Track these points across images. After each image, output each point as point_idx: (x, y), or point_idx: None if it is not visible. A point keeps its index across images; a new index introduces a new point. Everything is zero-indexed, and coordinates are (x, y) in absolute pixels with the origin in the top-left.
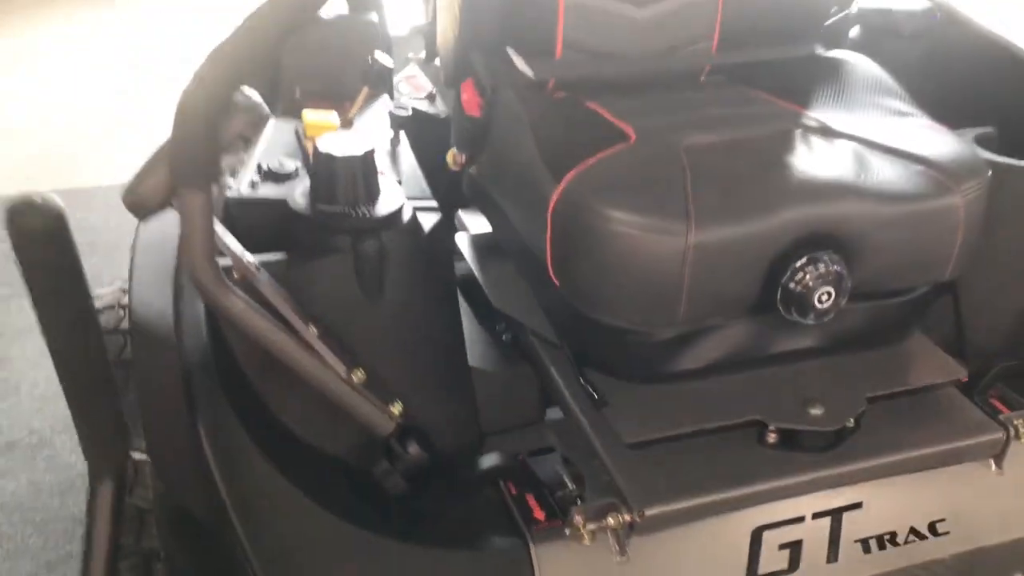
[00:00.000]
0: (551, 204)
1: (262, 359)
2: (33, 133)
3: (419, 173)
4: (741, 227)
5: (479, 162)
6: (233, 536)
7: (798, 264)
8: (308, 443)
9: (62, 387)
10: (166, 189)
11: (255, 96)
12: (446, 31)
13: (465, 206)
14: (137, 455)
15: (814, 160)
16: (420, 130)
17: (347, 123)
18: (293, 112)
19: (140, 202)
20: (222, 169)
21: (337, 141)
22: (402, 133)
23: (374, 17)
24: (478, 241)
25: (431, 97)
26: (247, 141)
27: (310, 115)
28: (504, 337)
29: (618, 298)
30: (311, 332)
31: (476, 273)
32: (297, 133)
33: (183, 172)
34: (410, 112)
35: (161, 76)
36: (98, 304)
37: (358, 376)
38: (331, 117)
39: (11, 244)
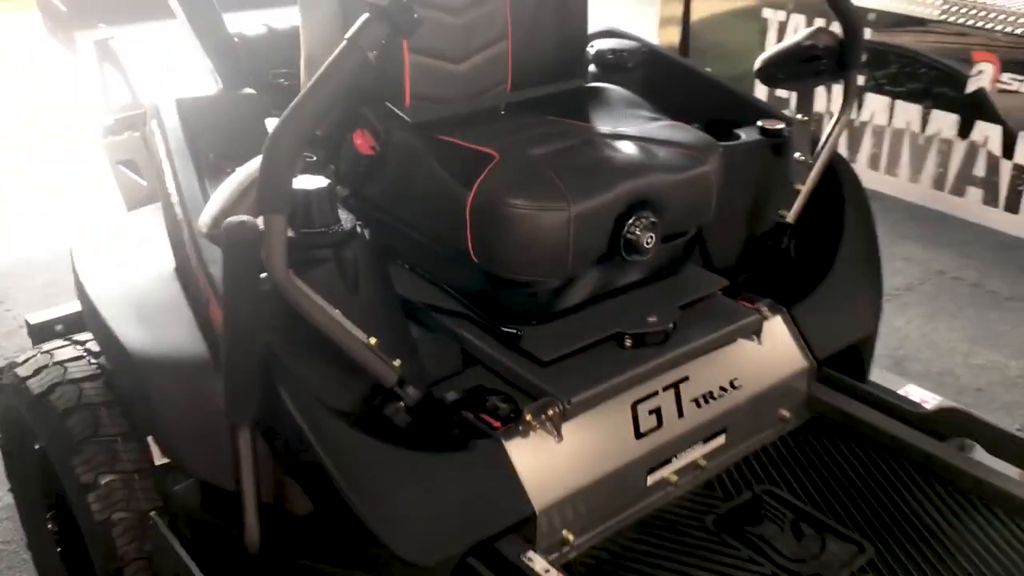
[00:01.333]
0: (468, 204)
1: (309, 341)
2: None
3: None
4: (597, 200)
5: (372, 190)
6: (321, 471)
7: (631, 221)
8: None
9: (224, 359)
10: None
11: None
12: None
13: None
14: None
15: (621, 154)
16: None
17: None
18: (215, 171)
19: (220, 237)
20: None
21: (300, 181)
22: None
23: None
24: None
25: None
26: None
27: None
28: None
29: (527, 260)
30: (337, 314)
31: None
32: None
33: (269, 202)
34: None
35: None
36: None
37: (373, 342)
38: None
39: (223, 249)
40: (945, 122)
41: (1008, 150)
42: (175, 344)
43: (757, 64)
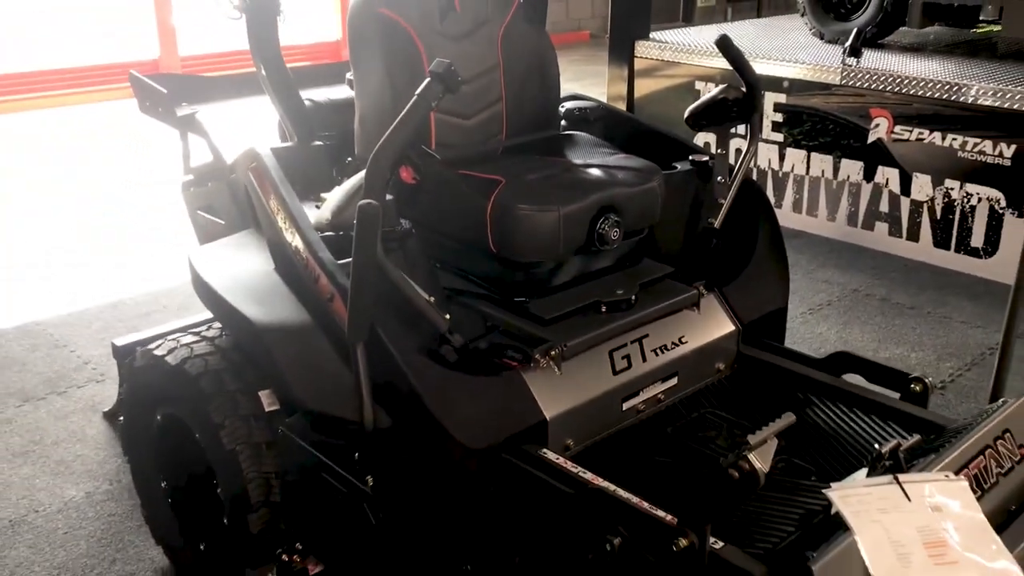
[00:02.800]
0: (488, 210)
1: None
2: None
3: None
4: (577, 205)
5: (413, 210)
6: (409, 389)
7: (601, 220)
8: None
9: (351, 294)
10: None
11: None
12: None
13: None
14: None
15: (591, 176)
16: None
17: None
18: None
19: (343, 222)
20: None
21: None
22: None
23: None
24: None
25: None
26: None
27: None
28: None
29: (531, 247)
30: (409, 282)
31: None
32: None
33: (372, 192)
34: None
35: None
36: None
37: (432, 300)
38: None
39: (357, 220)
40: (852, 169)
41: (905, 189)
42: (285, 317)
43: (686, 114)
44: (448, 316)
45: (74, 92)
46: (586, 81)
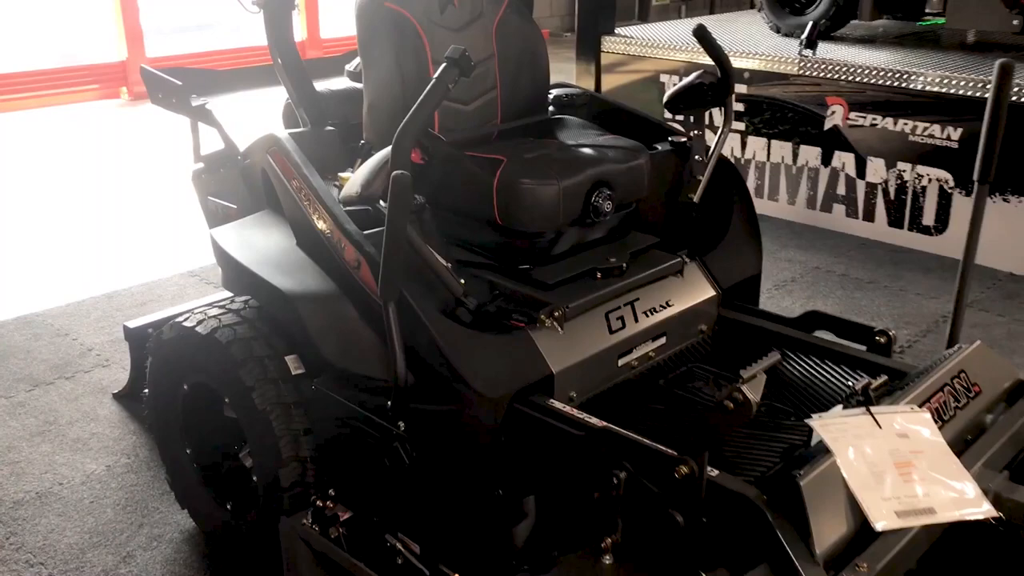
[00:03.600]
0: (495, 185)
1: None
2: None
3: None
4: (574, 179)
5: (423, 187)
6: (435, 346)
7: (596, 193)
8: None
9: (383, 256)
10: (384, 187)
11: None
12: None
13: None
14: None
15: (584, 154)
16: None
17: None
18: None
19: (372, 195)
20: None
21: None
22: None
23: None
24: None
25: None
26: None
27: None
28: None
29: (533, 218)
30: (429, 250)
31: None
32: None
33: (399, 166)
34: None
35: None
36: None
37: (448, 265)
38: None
39: (392, 188)
40: (811, 154)
41: (861, 172)
42: (311, 286)
43: (664, 99)
44: (463, 281)
45: (47, 94)
46: (553, 77)
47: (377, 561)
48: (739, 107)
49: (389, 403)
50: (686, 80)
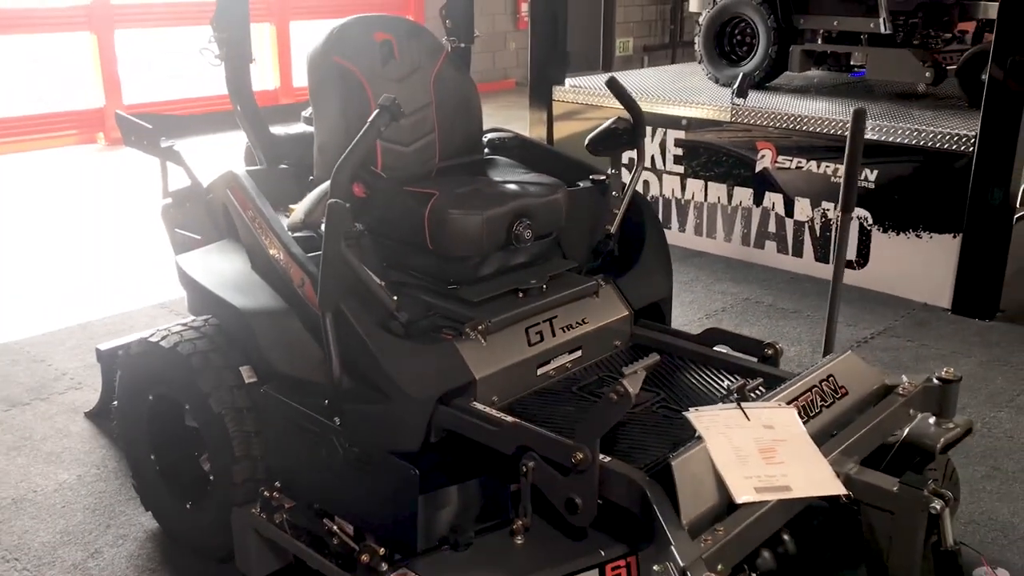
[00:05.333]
0: (426, 215)
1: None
2: None
3: None
4: (497, 211)
5: (364, 218)
6: (369, 353)
7: (517, 223)
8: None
9: (321, 272)
10: (323, 214)
11: None
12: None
13: None
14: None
15: (509, 189)
16: None
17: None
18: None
19: (313, 222)
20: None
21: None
22: None
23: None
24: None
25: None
26: None
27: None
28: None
29: (460, 244)
30: (365, 270)
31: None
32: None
33: (336, 195)
34: None
35: None
36: None
37: (382, 283)
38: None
39: (328, 214)
40: (744, 195)
41: (789, 211)
42: (264, 304)
43: (586, 142)
44: (396, 298)
45: (27, 139)
46: (514, 125)
47: (316, 542)
48: (679, 151)
49: (327, 401)
50: (603, 126)
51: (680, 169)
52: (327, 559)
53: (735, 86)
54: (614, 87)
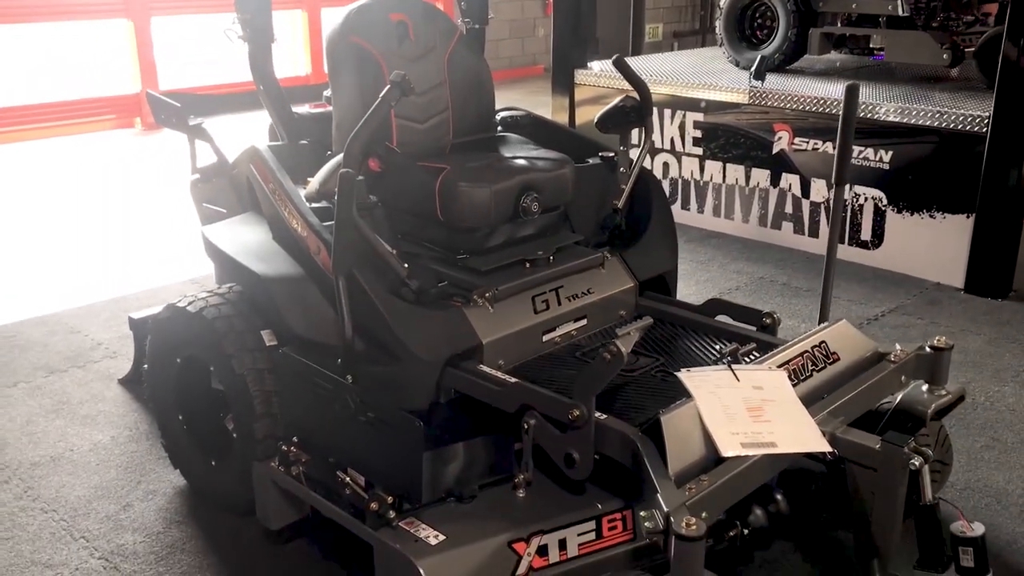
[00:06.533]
0: (437, 188)
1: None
2: None
3: None
4: (505, 184)
5: (379, 191)
6: (381, 318)
7: (524, 196)
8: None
9: (335, 237)
10: (336, 184)
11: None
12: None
13: None
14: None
15: (517, 164)
16: None
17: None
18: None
19: (327, 191)
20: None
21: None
22: None
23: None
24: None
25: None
26: None
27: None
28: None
29: (470, 216)
30: (378, 239)
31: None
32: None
33: (348, 166)
34: None
35: None
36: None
37: (394, 251)
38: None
39: (340, 181)
40: (761, 176)
41: (806, 192)
42: (284, 272)
43: (595, 120)
44: (407, 266)
45: (68, 123)
46: (540, 110)
47: (330, 492)
48: (697, 133)
49: (340, 360)
50: (611, 104)
51: (699, 151)
52: (341, 509)
53: (753, 69)
54: (620, 66)
